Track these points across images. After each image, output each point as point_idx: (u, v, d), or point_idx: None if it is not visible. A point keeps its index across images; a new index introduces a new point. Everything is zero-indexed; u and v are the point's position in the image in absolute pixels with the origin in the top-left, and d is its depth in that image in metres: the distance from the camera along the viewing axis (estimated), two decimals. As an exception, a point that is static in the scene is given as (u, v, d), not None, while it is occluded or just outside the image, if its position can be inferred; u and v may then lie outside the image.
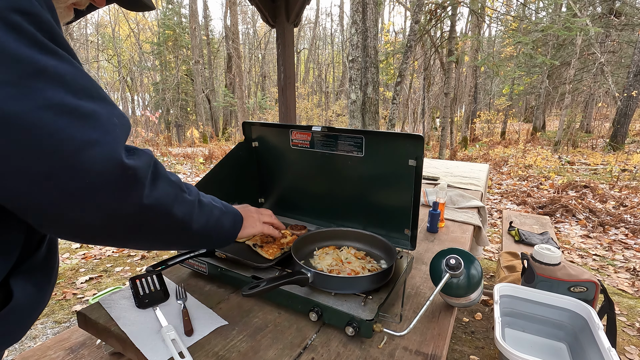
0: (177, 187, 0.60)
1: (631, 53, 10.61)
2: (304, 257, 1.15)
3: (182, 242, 0.66)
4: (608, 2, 10.31)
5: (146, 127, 14.77)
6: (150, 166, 0.54)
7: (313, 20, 26.04)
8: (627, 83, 9.73)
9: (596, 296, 1.30)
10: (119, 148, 0.48)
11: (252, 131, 1.45)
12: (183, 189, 0.62)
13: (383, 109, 15.06)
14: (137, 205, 0.51)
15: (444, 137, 9.60)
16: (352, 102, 5.50)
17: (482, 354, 2.00)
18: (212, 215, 0.69)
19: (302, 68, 26.89)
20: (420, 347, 0.85)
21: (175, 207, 0.58)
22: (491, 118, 17.34)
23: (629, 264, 3.18)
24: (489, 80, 19.31)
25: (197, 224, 0.64)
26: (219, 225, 0.72)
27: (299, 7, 3.29)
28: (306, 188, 1.43)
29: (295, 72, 4.01)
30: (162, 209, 0.56)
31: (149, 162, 0.54)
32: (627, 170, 7.03)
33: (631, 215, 4.30)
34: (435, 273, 0.95)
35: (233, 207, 0.81)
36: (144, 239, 0.59)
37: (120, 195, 0.49)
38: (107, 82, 18.34)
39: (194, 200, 0.64)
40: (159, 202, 0.55)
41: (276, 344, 0.85)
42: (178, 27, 16.45)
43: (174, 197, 0.58)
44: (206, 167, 8.01)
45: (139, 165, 0.51)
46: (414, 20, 6.08)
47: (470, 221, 1.76)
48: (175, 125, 17.01)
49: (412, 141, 1.07)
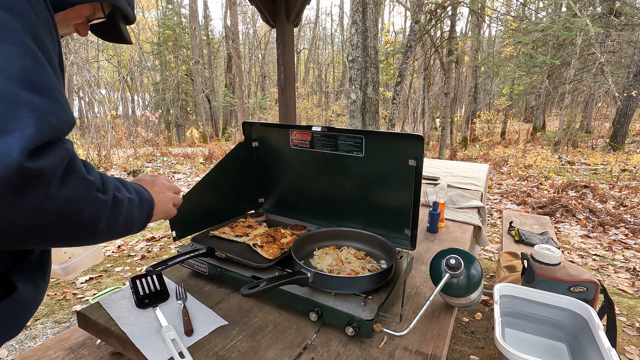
0: (92, 185, 0.55)
1: (631, 53, 10.61)
2: (304, 257, 1.15)
3: (90, 240, 0.61)
4: (608, 2, 10.31)
5: (146, 127, 14.75)
6: (63, 164, 0.50)
7: (313, 20, 26.05)
8: (627, 83, 9.73)
9: (596, 296, 1.30)
10: (19, 149, 0.43)
11: (252, 131, 1.45)
12: (99, 188, 0.57)
13: (383, 109, 15.06)
14: (36, 209, 0.47)
15: (444, 137, 9.60)
16: (352, 102, 5.50)
17: (482, 354, 2.00)
18: (125, 213, 0.64)
19: (302, 68, 26.89)
20: (420, 347, 0.85)
21: (85, 208, 0.54)
22: (491, 118, 17.34)
23: (629, 264, 3.18)
24: (489, 80, 19.31)
25: (108, 223, 0.60)
26: (130, 222, 0.66)
27: (299, 7, 3.29)
28: (306, 188, 1.43)
29: (295, 72, 4.01)
30: (67, 212, 0.51)
31: (60, 161, 0.50)
32: (627, 170, 7.03)
33: (631, 215, 4.30)
34: (435, 273, 0.95)
35: (147, 194, 0.74)
36: (51, 240, 0.55)
37: (15, 199, 0.44)
38: (107, 82, 18.33)
39: (107, 200, 0.59)
40: (64, 204, 0.50)
41: (276, 344, 0.85)
42: (178, 27, 16.44)
43: (84, 198, 0.53)
44: (206, 167, 8.01)
45: (46, 166, 0.47)
46: (414, 20, 6.08)
47: (470, 221, 1.76)
48: (175, 125, 17.01)
49: (412, 141, 1.08)
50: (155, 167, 7.58)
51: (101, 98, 11.10)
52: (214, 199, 1.36)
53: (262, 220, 1.48)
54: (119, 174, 6.80)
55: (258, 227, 1.36)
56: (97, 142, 8.57)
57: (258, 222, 1.44)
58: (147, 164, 7.96)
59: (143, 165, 7.57)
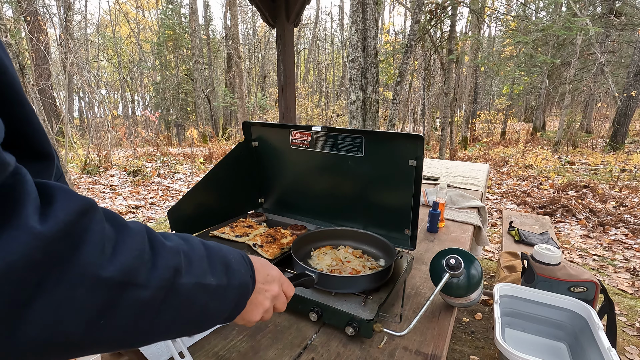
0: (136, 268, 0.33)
1: (631, 53, 10.61)
2: (303, 257, 1.15)
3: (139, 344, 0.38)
4: (608, 2, 10.30)
5: (146, 127, 14.76)
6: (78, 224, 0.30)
7: (313, 20, 26.03)
8: (627, 83, 9.72)
9: (596, 296, 1.30)
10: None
11: (252, 131, 1.45)
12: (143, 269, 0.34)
13: (383, 109, 15.05)
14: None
15: (444, 137, 9.60)
16: (352, 102, 5.50)
17: (482, 354, 2.00)
18: (195, 305, 0.40)
19: (302, 68, 26.88)
20: (420, 347, 0.85)
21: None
22: (491, 118, 17.32)
23: (629, 264, 3.18)
24: (489, 80, 19.30)
25: (162, 318, 0.36)
26: (205, 314, 0.42)
27: (299, 7, 3.29)
28: (306, 188, 1.43)
29: (295, 72, 4.01)
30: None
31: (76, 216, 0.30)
32: (627, 170, 7.02)
33: (631, 215, 4.30)
34: (435, 273, 0.95)
35: (242, 276, 0.47)
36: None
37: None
38: (107, 82, 18.32)
39: (159, 289, 0.35)
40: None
41: (276, 344, 0.85)
42: (178, 27, 16.44)
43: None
44: (206, 167, 8.01)
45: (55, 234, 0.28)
46: (414, 20, 6.07)
47: (470, 221, 1.76)
48: (175, 125, 17.00)
49: (412, 141, 1.07)
50: (155, 167, 7.58)
51: (101, 98, 11.10)
52: (214, 199, 1.36)
53: (262, 220, 1.48)
54: (119, 174, 6.80)
55: (258, 227, 1.36)
56: (97, 142, 8.58)
57: (258, 222, 1.44)
58: (147, 164, 7.96)
59: (143, 165, 7.57)
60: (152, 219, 4.48)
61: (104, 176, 6.65)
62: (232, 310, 0.47)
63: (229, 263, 0.46)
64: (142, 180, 6.35)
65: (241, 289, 0.47)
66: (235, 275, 0.46)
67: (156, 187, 6.04)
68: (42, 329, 0.28)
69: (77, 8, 20.53)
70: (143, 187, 5.99)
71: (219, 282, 0.43)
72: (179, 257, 0.38)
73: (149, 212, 4.72)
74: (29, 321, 0.27)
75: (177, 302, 0.37)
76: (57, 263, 0.28)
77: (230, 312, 0.47)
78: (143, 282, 0.33)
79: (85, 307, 0.30)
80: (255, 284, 0.51)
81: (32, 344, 0.28)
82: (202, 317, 0.42)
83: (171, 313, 0.37)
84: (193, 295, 0.39)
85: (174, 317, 0.37)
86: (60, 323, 0.29)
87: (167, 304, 0.36)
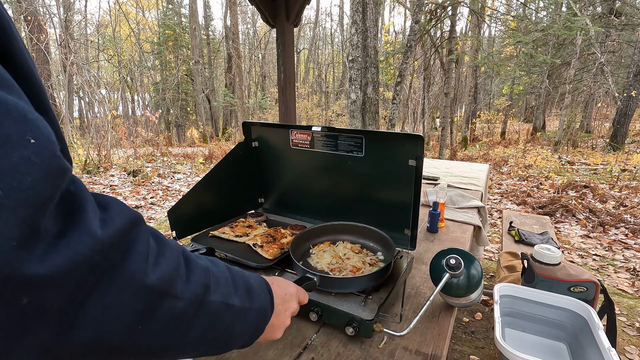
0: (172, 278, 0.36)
1: (631, 53, 10.60)
2: (302, 256, 1.15)
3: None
4: (608, 2, 10.30)
5: (146, 127, 14.77)
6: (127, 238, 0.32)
7: (313, 20, 26.03)
8: (627, 83, 9.72)
9: (596, 296, 1.30)
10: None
11: (252, 131, 1.45)
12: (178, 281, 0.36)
13: (383, 109, 15.06)
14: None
15: (444, 137, 9.60)
16: (352, 102, 5.50)
17: (482, 354, 2.00)
18: (220, 324, 0.42)
19: (302, 68, 26.89)
20: (420, 347, 0.85)
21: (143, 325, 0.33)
22: (491, 118, 17.32)
23: (629, 264, 3.18)
24: (489, 80, 19.30)
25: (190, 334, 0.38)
26: (227, 334, 0.44)
27: (299, 7, 3.29)
28: (306, 188, 1.43)
29: (295, 72, 4.01)
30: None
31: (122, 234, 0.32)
32: (627, 170, 7.02)
33: (631, 215, 4.30)
34: (435, 273, 0.95)
35: (262, 301, 0.50)
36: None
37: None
38: (107, 82, 18.33)
39: (190, 302, 0.37)
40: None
41: (276, 344, 0.85)
42: (178, 27, 16.45)
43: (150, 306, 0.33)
44: (206, 167, 8.01)
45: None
46: (414, 20, 6.08)
47: (470, 221, 1.76)
48: (175, 125, 17.01)
49: (412, 141, 1.07)
50: (155, 167, 7.58)
51: (101, 98, 11.10)
52: (214, 199, 1.36)
53: (262, 220, 1.48)
54: (119, 174, 6.80)
55: (258, 227, 1.36)
56: (97, 142, 8.57)
57: (258, 222, 1.44)
58: (147, 164, 7.96)
59: (143, 165, 7.57)
60: (152, 219, 4.48)
61: (104, 176, 6.65)
62: (251, 333, 0.49)
63: (250, 287, 0.48)
64: (142, 180, 6.35)
65: (261, 313, 0.49)
66: (256, 299, 0.49)
67: (156, 187, 6.04)
68: (91, 328, 0.30)
69: (77, 8, 20.56)
70: (143, 187, 5.99)
71: (241, 304, 0.45)
72: (209, 275, 0.41)
73: (149, 212, 4.72)
74: (82, 319, 0.29)
75: (204, 318, 0.40)
76: (110, 267, 0.30)
77: (250, 335, 0.48)
78: (178, 293, 0.36)
79: (129, 311, 0.32)
80: (274, 307, 0.53)
81: (83, 342, 0.30)
82: (225, 337, 0.44)
83: (200, 327, 0.39)
84: (219, 313, 0.41)
85: (201, 332, 0.40)
86: (106, 324, 0.31)
87: (197, 318, 0.39)
